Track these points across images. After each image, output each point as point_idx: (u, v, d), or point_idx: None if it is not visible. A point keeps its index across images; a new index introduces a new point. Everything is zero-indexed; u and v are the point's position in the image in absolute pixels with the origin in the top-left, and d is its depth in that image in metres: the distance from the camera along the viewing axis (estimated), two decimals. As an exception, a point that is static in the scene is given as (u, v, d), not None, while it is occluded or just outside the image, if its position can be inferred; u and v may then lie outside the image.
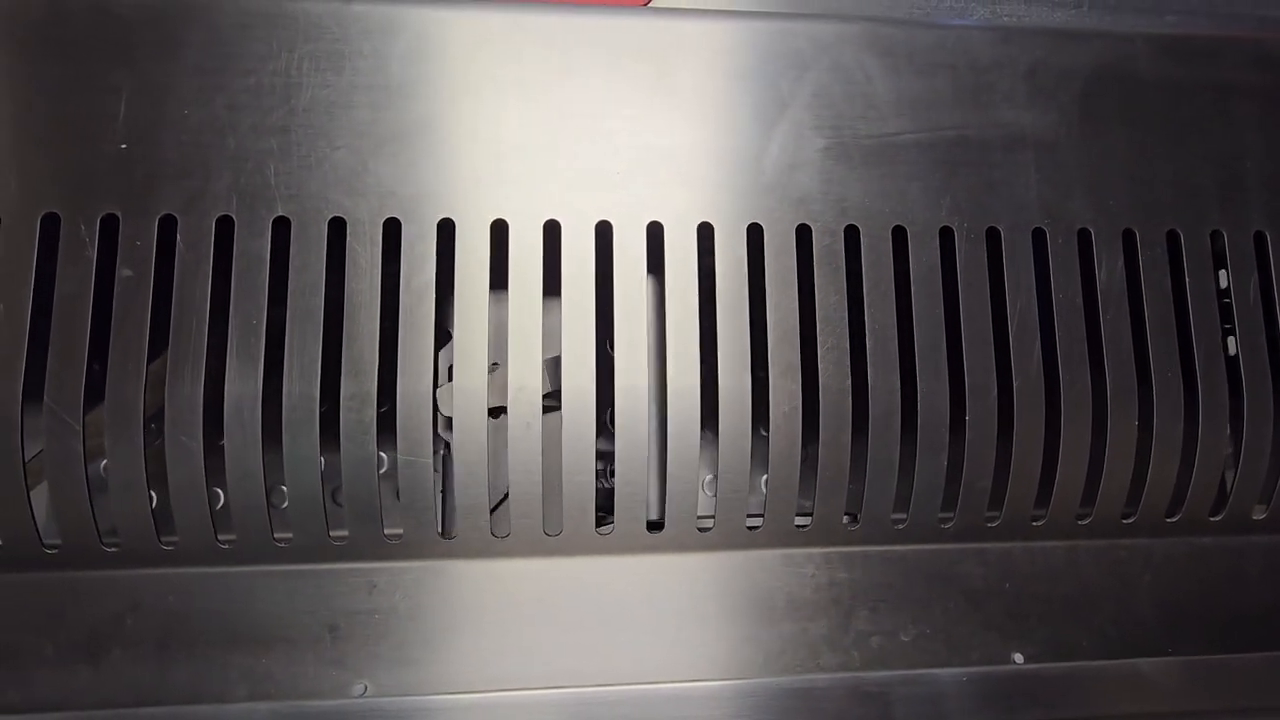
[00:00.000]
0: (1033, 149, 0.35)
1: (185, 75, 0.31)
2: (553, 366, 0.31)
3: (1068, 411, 0.33)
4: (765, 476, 0.32)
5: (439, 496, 0.34)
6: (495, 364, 0.32)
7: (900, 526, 0.33)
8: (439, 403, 0.32)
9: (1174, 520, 0.35)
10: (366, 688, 0.30)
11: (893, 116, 0.34)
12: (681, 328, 0.32)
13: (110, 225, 0.30)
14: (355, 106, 0.32)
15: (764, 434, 0.32)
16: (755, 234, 0.33)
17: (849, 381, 0.32)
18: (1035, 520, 0.34)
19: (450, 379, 0.33)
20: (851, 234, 0.33)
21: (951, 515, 0.33)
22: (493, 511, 0.31)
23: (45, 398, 0.28)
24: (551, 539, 0.31)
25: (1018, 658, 0.32)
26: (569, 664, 0.30)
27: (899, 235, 0.33)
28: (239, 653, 0.30)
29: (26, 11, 0.30)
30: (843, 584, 0.33)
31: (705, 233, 0.32)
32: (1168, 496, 0.34)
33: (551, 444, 0.31)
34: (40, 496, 0.30)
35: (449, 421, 0.32)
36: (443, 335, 0.31)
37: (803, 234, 0.33)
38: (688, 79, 0.34)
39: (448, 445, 0.34)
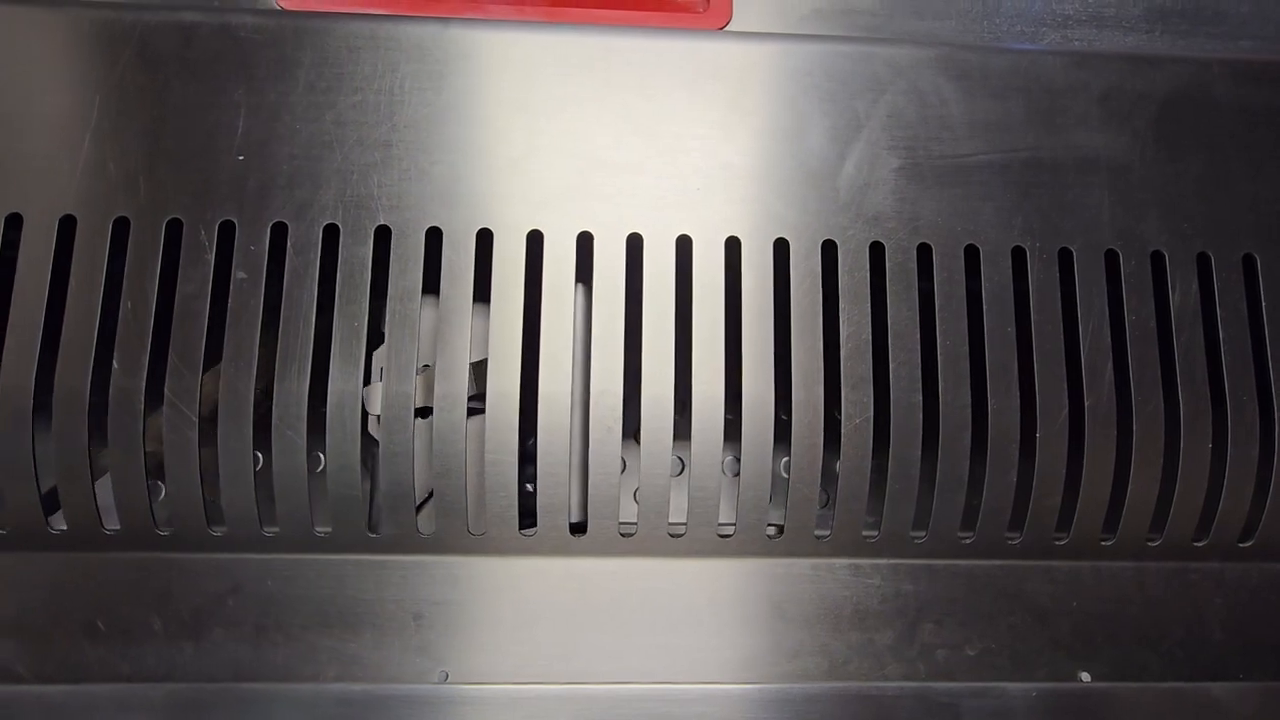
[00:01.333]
0: (1106, 171, 0.36)
1: (298, 93, 0.33)
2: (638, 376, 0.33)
3: (1140, 433, 0.33)
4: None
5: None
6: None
7: (967, 541, 0.33)
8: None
9: (1247, 545, 0.34)
10: (447, 674, 0.31)
11: (966, 138, 0.35)
12: (755, 340, 0.33)
13: (227, 231, 0.32)
14: (452, 123, 0.34)
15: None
16: (829, 250, 0.34)
17: (919, 396, 0.32)
18: (1104, 540, 0.34)
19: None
20: (924, 252, 0.34)
21: (1019, 533, 0.33)
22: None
23: (166, 390, 0.31)
24: (627, 539, 0.32)
25: (1084, 676, 0.32)
26: (641, 662, 0.31)
27: (971, 254, 0.34)
28: (329, 636, 0.31)
29: (162, 35, 0.33)
30: (908, 596, 0.33)
31: (780, 248, 0.34)
32: (1241, 520, 0.34)
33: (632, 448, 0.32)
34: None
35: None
36: (533, 340, 0.33)
37: (876, 251, 0.34)
38: (764, 100, 0.35)
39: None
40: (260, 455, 0.33)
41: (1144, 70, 0.37)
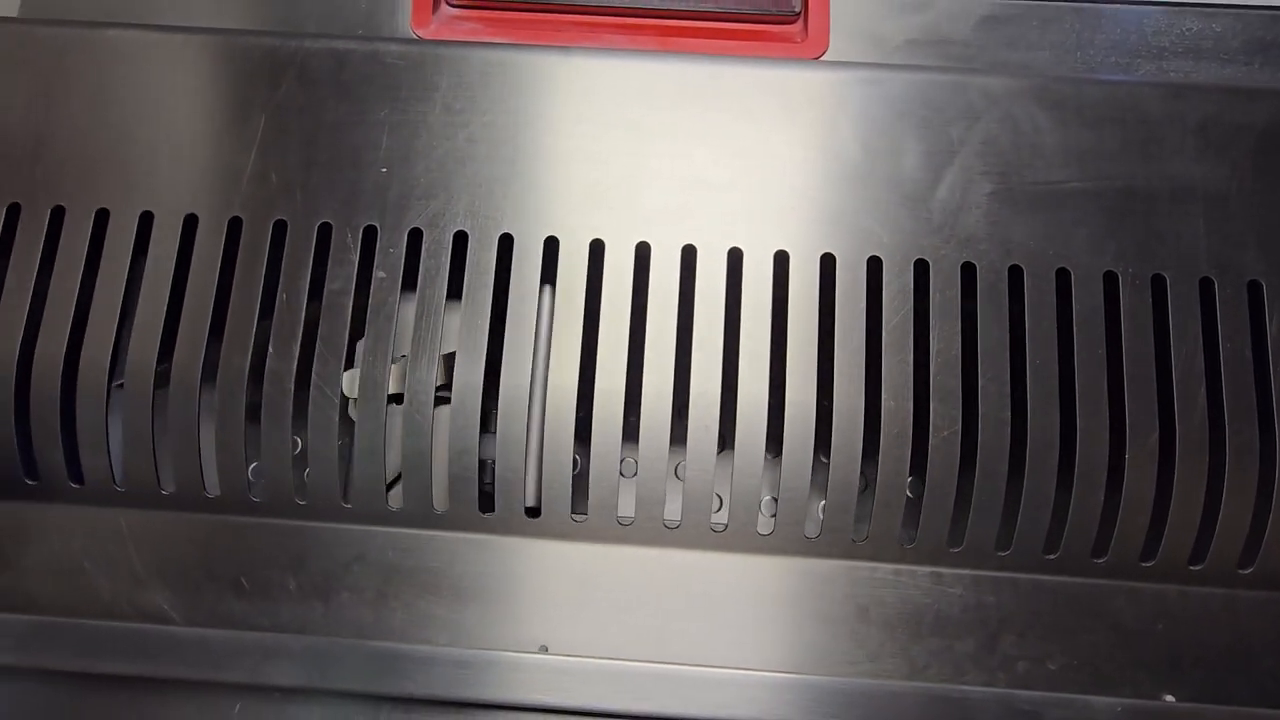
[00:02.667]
0: (1202, 201, 0.36)
1: (435, 113, 0.37)
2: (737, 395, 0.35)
3: (1232, 462, 0.34)
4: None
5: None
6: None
7: (1051, 558, 0.34)
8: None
9: (1345, 580, 0.34)
10: (546, 647, 0.33)
11: (1060, 165, 0.36)
12: (847, 352, 0.34)
13: (370, 235, 0.36)
14: (571, 142, 0.37)
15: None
16: (921, 269, 0.35)
17: (1008, 413, 0.33)
18: (1193, 565, 0.34)
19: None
20: (1015, 274, 0.35)
21: (1104, 555, 0.34)
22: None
23: (313, 375, 0.34)
24: (719, 535, 0.34)
25: (1169, 698, 0.32)
26: (726, 650, 0.33)
27: (1063, 277, 0.35)
28: (442, 605, 0.34)
29: (319, 60, 0.37)
30: (990, 607, 0.34)
31: (873, 266, 0.35)
32: (1339, 555, 0.34)
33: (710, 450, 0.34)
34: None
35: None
36: (638, 345, 0.35)
37: (967, 271, 0.35)
38: (860, 125, 0.37)
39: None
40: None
41: (1242, 102, 0.37)
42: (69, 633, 0.31)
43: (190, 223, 0.36)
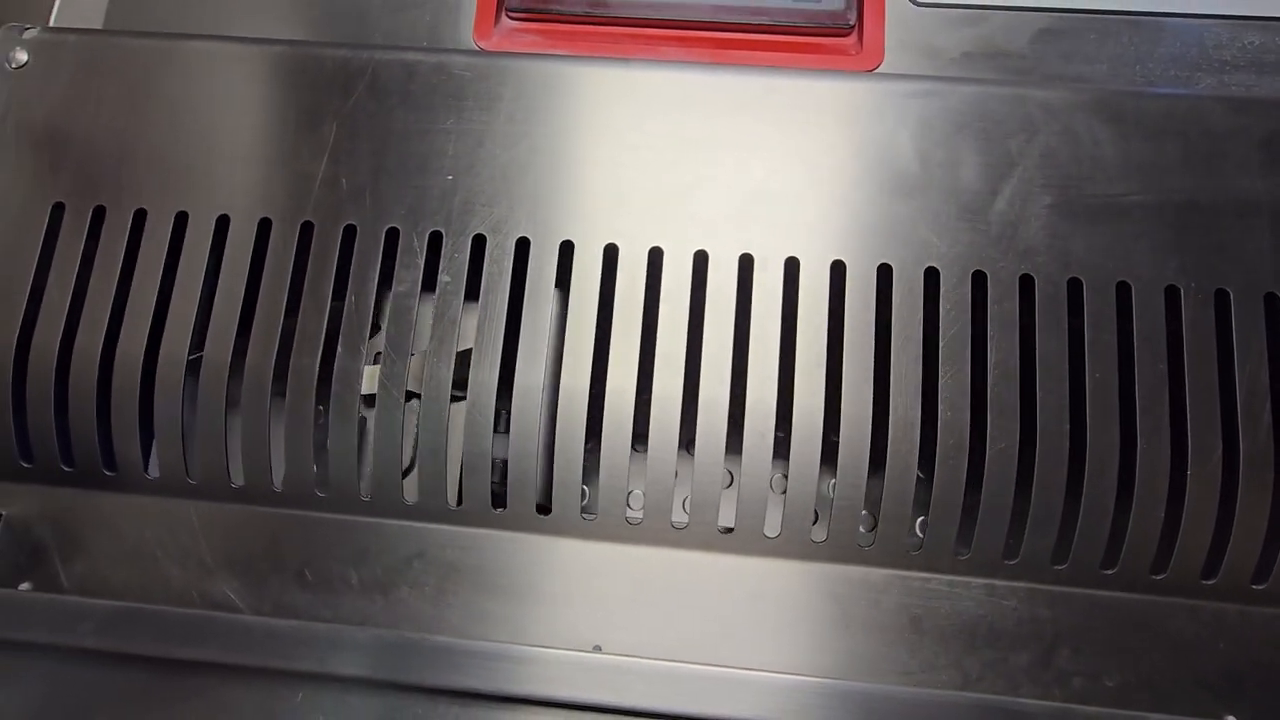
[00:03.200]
0: (1267, 216, 0.36)
1: (499, 123, 0.38)
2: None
3: (1298, 479, 0.33)
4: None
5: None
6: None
7: (1109, 573, 0.34)
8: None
9: None
10: (599, 646, 0.34)
11: (1120, 179, 0.36)
12: (902, 362, 0.34)
13: (436, 240, 0.37)
14: (631, 152, 0.37)
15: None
16: (979, 281, 0.35)
17: (1067, 426, 0.33)
18: (1256, 584, 0.33)
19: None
20: (1074, 287, 0.35)
21: (1164, 572, 0.34)
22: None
23: (379, 376, 0.36)
24: (771, 541, 0.34)
25: (1230, 719, 0.32)
26: (781, 655, 0.33)
27: (1123, 291, 0.35)
28: (499, 603, 0.35)
29: (389, 71, 0.39)
30: (1045, 621, 0.34)
31: (930, 276, 0.35)
32: None
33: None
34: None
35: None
36: (695, 351, 0.36)
37: (1026, 284, 0.35)
38: (917, 137, 0.37)
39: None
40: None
41: (1310, 117, 0.37)
42: (146, 619, 0.33)
43: (264, 226, 0.37)
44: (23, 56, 0.40)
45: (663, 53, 0.43)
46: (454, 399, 0.36)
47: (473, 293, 0.36)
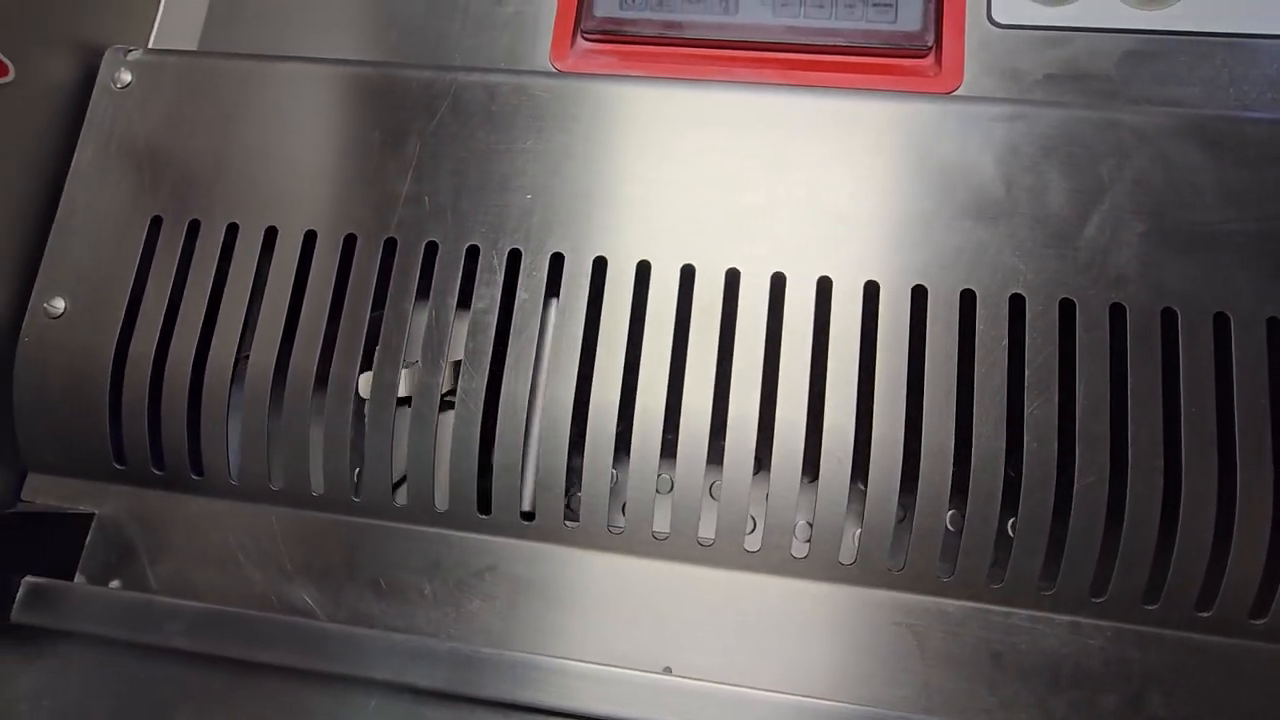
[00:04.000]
0: (1376, 246, 0.34)
1: (578, 143, 0.39)
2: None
3: None
4: (1012, 521, 0.33)
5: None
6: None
7: (1204, 615, 0.32)
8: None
9: None
10: (670, 668, 0.34)
11: (1218, 206, 0.35)
12: (986, 392, 0.34)
13: (514, 257, 0.37)
14: (705, 173, 0.38)
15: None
16: (1067, 309, 0.34)
17: (1160, 462, 0.32)
18: (1365, 634, 0.32)
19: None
20: (1169, 317, 0.34)
21: (1264, 617, 0.32)
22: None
23: (458, 390, 0.36)
24: (847, 568, 0.34)
25: (1339, 778, 0.30)
26: (855, 688, 0.33)
27: (1221, 322, 0.34)
28: (570, 619, 0.35)
29: (471, 92, 0.40)
30: (1134, 663, 0.32)
31: (1015, 304, 0.35)
32: None
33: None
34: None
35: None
36: (772, 373, 0.35)
37: (1117, 313, 0.34)
38: (1001, 161, 0.37)
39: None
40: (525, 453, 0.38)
41: None
42: (231, 622, 0.34)
43: (349, 242, 0.39)
44: (127, 77, 0.42)
45: (735, 74, 0.44)
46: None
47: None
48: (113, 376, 0.38)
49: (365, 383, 0.37)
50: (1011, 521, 0.33)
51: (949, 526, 0.34)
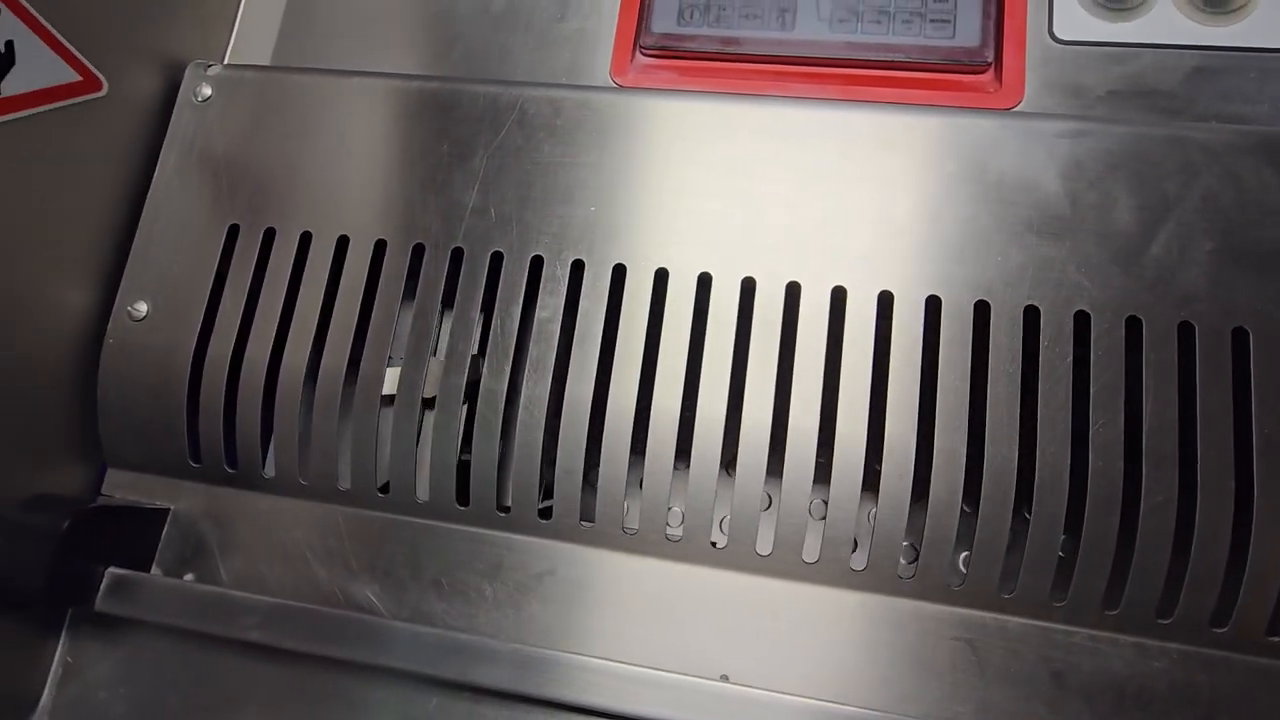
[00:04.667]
0: None
1: (640, 156, 0.39)
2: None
3: None
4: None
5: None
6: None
7: (1276, 640, 0.32)
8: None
9: None
10: (727, 676, 0.34)
11: (1290, 225, 0.35)
12: (1051, 409, 0.34)
13: (578, 268, 0.38)
14: (766, 187, 0.38)
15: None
16: (1133, 327, 0.34)
17: (1232, 483, 0.32)
18: None
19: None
20: (1239, 336, 0.33)
21: (1337, 642, 0.31)
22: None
23: (522, 397, 0.37)
24: (906, 581, 0.34)
25: None
26: (920, 706, 0.33)
27: (1294, 343, 0.33)
28: (628, 623, 0.36)
29: (537, 106, 0.41)
30: (1201, 687, 0.32)
31: (1080, 321, 0.35)
32: None
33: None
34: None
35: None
36: (833, 382, 0.36)
37: (1185, 331, 0.34)
38: (1065, 177, 0.37)
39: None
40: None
41: None
42: (303, 617, 0.35)
43: (418, 251, 0.40)
44: (207, 91, 0.44)
45: (793, 90, 0.44)
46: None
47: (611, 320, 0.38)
48: (191, 378, 0.40)
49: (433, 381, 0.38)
50: (1072, 540, 0.33)
51: (1011, 543, 0.34)
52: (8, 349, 0.38)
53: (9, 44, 0.35)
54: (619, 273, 0.38)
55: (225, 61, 0.49)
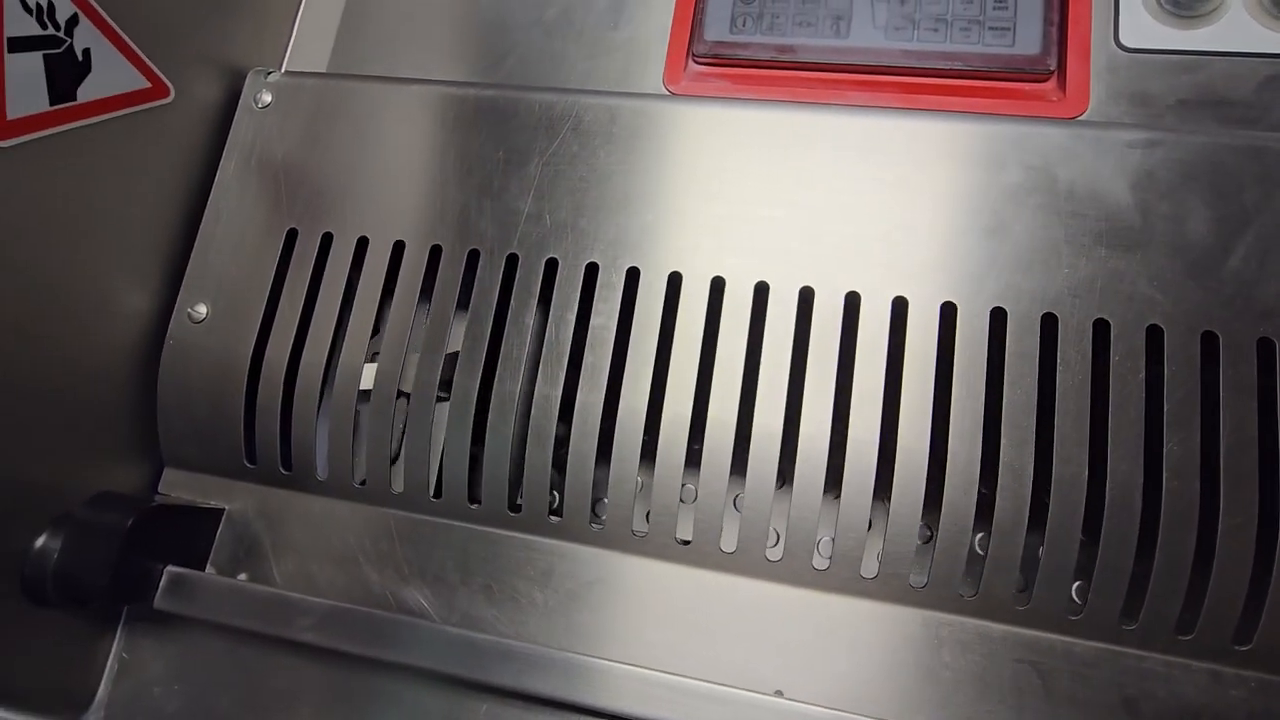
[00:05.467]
0: None
1: (696, 164, 0.39)
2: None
3: None
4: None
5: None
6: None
7: (1361, 672, 0.30)
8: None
9: None
10: (781, 691, 0.33)
11: (1376, 239, 0.33)
12: (1122, 427, 0.33)
13: (633, 275, 0.38)
14: (822, 194, 0.38)
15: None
16: (1209, 342, 0.33)
17: (1316, 505, 0.31)
18: None
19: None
20: (1323, 354, 0.32)
21: None
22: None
23: (576, 404, 0.37)
24: (969, 601, 0.33)
25: None
26: (977, 724, 0.32)
27: (1383, 362, 0.32)
28: (679, 634, 0.35)
29: (594, 114, 0.41)
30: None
31: (1153, 336, 0.34)
32: None
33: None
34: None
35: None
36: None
37: (1265, 348, 0.33)
38: (1136, 188, 0.36)
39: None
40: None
41: None
42: (357, 620, 0.35)
43: (473, 257, 0.40)
44: (267, 97, 0.45)
45: (849, 98, 0.44)
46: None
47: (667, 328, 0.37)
48: (249, 380, 0.41)
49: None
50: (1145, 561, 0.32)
51: (1079, 564, 0.33)
52: (75, 349, 0.38)
53: (86, 51, 0.36)
54: (675, 280, 0.38)
55: (283, 68, 0.50)
